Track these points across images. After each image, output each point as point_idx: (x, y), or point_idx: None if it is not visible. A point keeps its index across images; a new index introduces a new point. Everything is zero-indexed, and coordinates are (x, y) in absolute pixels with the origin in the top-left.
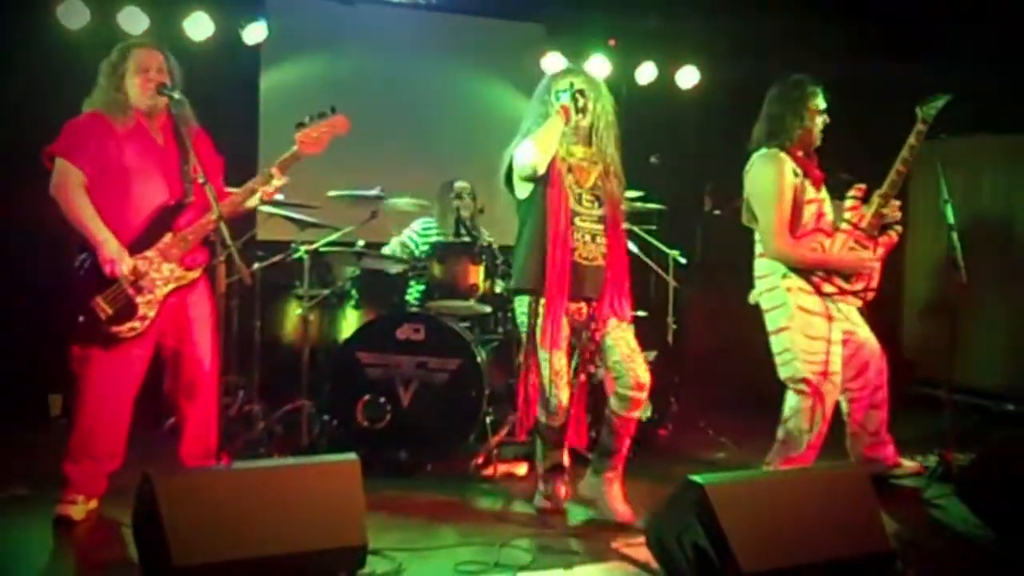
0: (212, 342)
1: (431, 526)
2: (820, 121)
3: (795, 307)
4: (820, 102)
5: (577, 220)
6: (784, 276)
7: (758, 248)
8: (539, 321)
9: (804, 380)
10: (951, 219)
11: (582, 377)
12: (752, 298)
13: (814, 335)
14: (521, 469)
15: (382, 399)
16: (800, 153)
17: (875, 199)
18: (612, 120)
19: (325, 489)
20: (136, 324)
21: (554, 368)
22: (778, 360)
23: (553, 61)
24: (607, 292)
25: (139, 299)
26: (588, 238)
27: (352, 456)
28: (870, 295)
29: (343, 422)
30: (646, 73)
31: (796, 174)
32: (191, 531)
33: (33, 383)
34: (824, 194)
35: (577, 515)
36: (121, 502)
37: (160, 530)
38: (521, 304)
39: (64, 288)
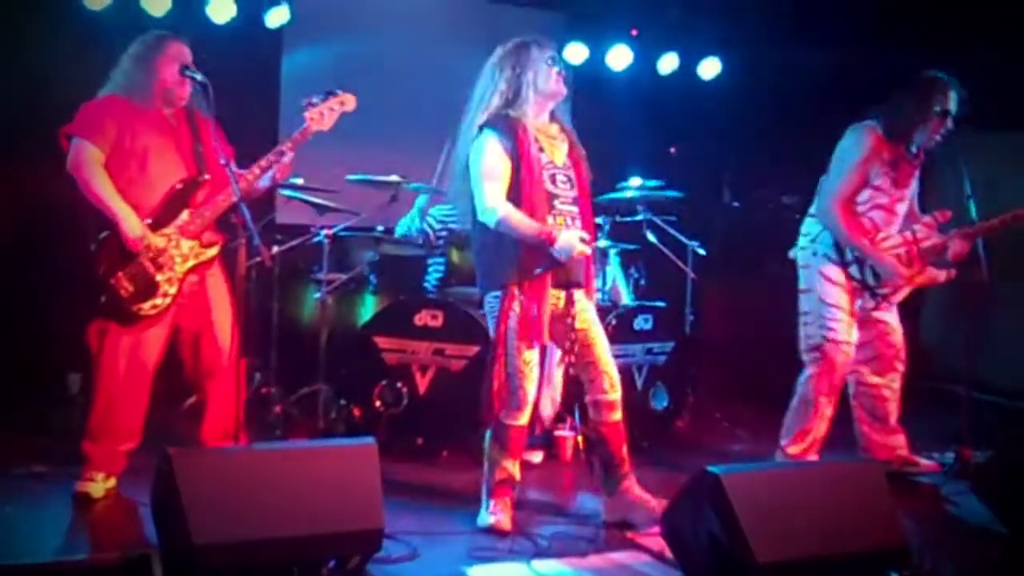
0: (232, 323)
1: (446, 511)
2: (946, 122)
3: (818, 271)
4: (950, 103)
5: (557, 203)
6: (813, 240)
7: (812, 207)
8: (514, 312)
9: (818, 347)
10: (974, 215)
11: (568, 371)
12: (792, 253)
13: (830, 302)
14: (536, 457)
15: (399, 384)
16: (909, 148)
17: (953, 232)
18: None
19: (342, 472)
20: (158, 301)
21: (524, 358)
22: (800, 320)
23: (575, 52)
24: (587, 278)
25: (159, 276)
26: (569, 222)
27: (369, 440)
28: (884, 305)
29: (360, 407)
30: (668, 64)
31: (883, 160)
32: (210, 510)
33: (53, 361)
34: (908, 193)
35: (591, 503)
36: (140, 480)
37: (179, 508)
38: (495, 298)
39: (84, 266)
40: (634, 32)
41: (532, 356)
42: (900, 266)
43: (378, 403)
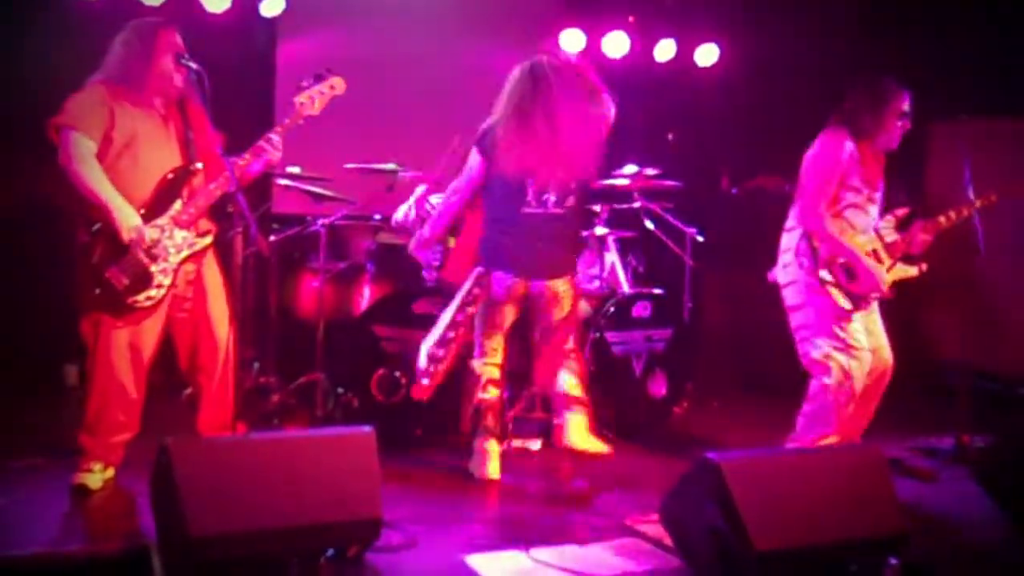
0: (228, 313)
1: (445, 500)
2: (900, 124)
3: (805, 282)
4: (903, 105)
5: None
6: (798, 254)
7: (788, 221)
8: None
9: (826, 356)
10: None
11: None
12: (772, 274)
13: (827, 310)
14: (535, 444)
15: (397, 373)
16: (870, 152)
17: (913, 226)
18: None
19: (341, 461)
20: (153, 292)
21: None
22: (796, 337)
23: (571, 38)
24: None
25: (153, 267)
26: None
27: (368, 428)
28: (863, 304)
29: (358, 396)
30: (665, 51)
31: (855, 160)
32: (208, 500)
33: (50, 353)
34: (879, 195)
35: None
36: (138, 471)
37: (177, 499)
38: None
39: (78, 258)
40: (631, 19)
41: None
42: (879, 269)
43: (376, 392)
